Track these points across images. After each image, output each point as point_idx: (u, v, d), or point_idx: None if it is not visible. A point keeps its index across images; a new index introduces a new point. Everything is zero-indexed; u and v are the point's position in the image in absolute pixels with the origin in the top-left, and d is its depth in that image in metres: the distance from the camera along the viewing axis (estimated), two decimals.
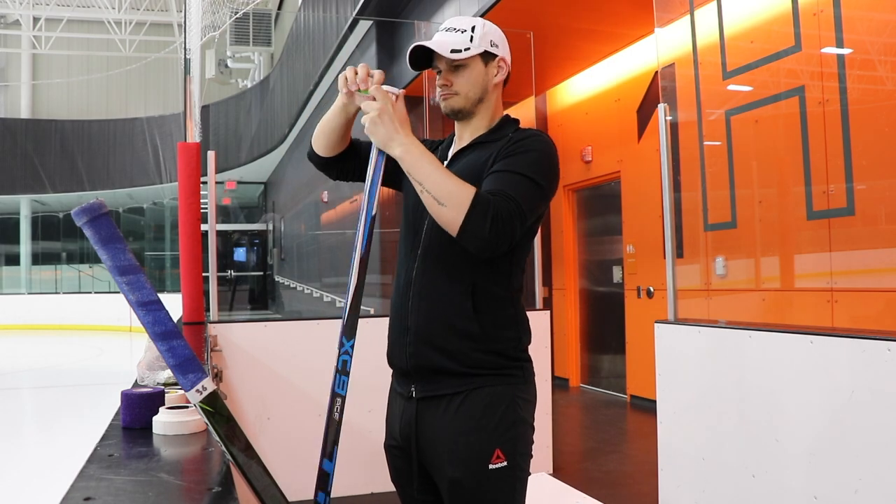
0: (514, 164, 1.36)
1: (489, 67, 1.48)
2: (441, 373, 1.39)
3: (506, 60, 1.51)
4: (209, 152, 3.76)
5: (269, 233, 18.17)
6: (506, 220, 1.26)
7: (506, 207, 1.27)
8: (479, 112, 1.50)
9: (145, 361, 1.63)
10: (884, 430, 1.89)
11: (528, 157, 1.37)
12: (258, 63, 15.72)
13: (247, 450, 0.94)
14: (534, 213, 1.35)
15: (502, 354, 1.41)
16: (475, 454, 1.35)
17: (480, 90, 1.47)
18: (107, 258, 0.90)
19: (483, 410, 1.37)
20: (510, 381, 1.41)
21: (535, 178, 1.34)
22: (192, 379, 0.89)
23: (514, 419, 1.39)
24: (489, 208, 1.25)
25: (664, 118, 2.94)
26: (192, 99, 3.68)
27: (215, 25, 10.50)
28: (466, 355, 1.38)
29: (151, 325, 0.89)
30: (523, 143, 1.39)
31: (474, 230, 1.25)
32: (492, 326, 1.40)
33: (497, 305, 1.42)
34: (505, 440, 1.37)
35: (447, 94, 1.48)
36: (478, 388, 1.38)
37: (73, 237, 17.89)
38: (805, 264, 3.51)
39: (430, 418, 1.41)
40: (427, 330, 1.41)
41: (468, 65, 1.45)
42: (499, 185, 1.32)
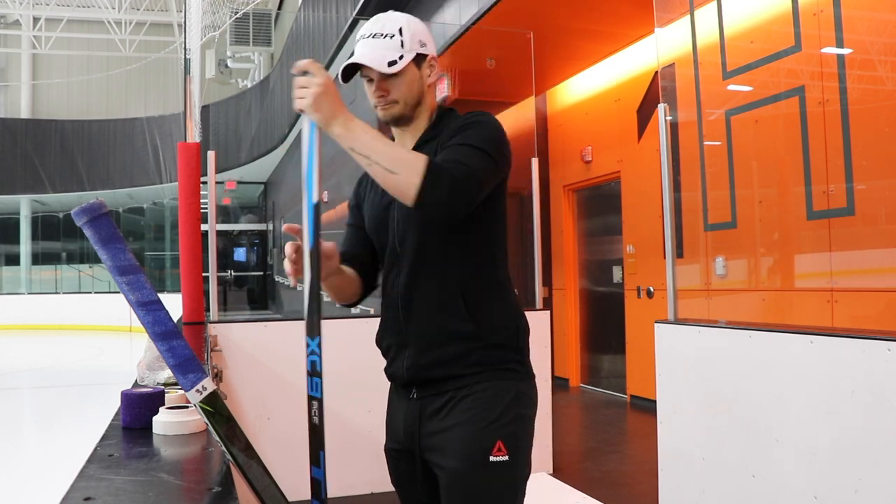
0: (461, 138, 1.35)
1: (423, 69, 1.46)
2: (444, 380, 1.40)
3: (435, 58, 1.50)
4: (209, 152, 3.76)
5: (268, 233, 18.18)
6: (461, 181, 1.25)
7: (460, 170, 1.26)
8: (418, 115, 1.48)
9: (145, 361, 1.63)
10: (884, 430, 1.89)
11: (474, 130, 1.36)
12: (258, 63, 15.72)
13: (247, 450, 0.94)
14: (487, 180, 1.33)
15: (503, 346, 1.40)
16: (477, 445, 1.34)
17: (417, 94, 1.46)
18: (107, 258, 0.90)
19: (486, 403, 1.37)
20: (513, 376, 1.41)
21: (484, 148, 1.33)
22: (192, 379, 0.89)
23: (518, 414, 1.39)
24: (443, 171, 1.24)
25: (664, 118, 2.94)
26: (192, 99, 3.68)
27: (215, 25, 10.50)
28: (467, 357, 1.38)
29: (151, 325, 0.89)
30: (467, 121, 1.40)
31: (432, 193, 1.23)
32: (487, 320, 1.39)
33: (488, 297, 1.41)
34: (507, 433, 1.36)
35: (386, 105, 1.45)
36: (481, 384, 1.38)
37: (74, 237, 17.88)
38: (805, 264, 3.51)
39: (433, 414, 1.40)
40: (425, 342, 1.40)
41: (402, 72, 1.43)
42: (448, 155, 1.31)
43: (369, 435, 3.47)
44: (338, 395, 3.60)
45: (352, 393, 3.59)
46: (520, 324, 1.45)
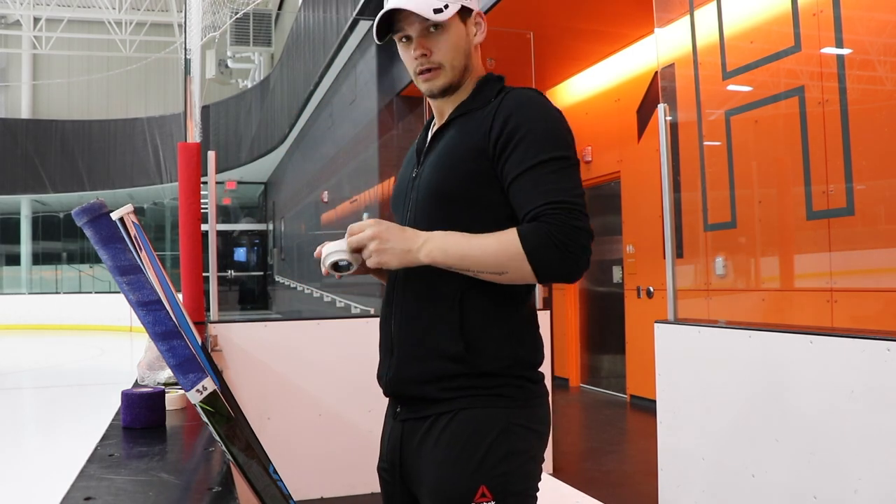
0: (528, 153, 1.11)
1: (468, 25, 1.21)
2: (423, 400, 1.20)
3: (482, 14, 1.26)
4: (209, 152, 3.76)
5: (269, 233, 18.18)
6: (571, 236, 1.06)
7: (560, 223, 1.06)
8: (465, 83, 1.24)
9: (146, 361, 1.63)
10: (884, 430, 1.89)
11: (532, 137, 1.12)
12: (258, 63, 15.72)
13: (247, 450, 0.94)
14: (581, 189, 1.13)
15: (494, 375, 1.17)
16: (455, 489, 1.13)
17: (465, 56, 1.21)
18: (107, 258, 0.90)
19: (470, 436, 1.14)
20: (505, 402, 1.16)
21: (555, 155, 1.11)
22: (193, 379, 0.89)
23: (508, 450, 1.14)
24: (548, 242, 1.05)
25: (664, 118, 2.94)
26: (193, 99, 3.69)
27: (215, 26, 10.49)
28: (451, 379, 1.17)
29: (151, 325, 0.89)
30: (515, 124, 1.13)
31: (552, 273, 1.07)
32: (482, 343, 1.17)
33: (492, 316, 1.18)
34: (493, 476, 1.13)
35: (429, 70, 1.20)
36: (465, 409, 1.16)
37: (74, 237, 17.89)
38: (805, 264, 3.51)
39: (414, 442, 1.21)
40: (409, 352, 1.20)
41: (447, 26, 1.17)
42: (530, 197, 1.10)
43: (369, 434, 3.47)
44: (338, 395, 3.61)
45: (352, 393, 3.60)
46: (521, 353, 1.20)
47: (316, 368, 3.62)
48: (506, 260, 1.08)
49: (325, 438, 3.56)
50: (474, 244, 1.10)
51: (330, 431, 3.56)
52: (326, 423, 3.57)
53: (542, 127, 1.14)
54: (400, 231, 1.13)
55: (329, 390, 3.59)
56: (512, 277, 1.10)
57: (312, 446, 3.56)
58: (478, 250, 1.09)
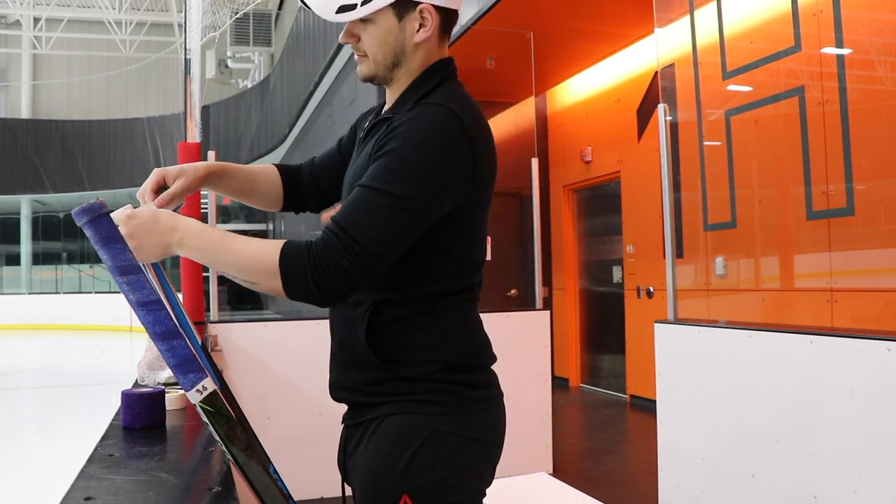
0: (372, 172, 1.04)
1: (406, 22, 1.10)
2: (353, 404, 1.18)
3: (431, 10, 1.11)
4: (209, 152, 3.76)
5: (269, 233, 18.18)
6: (327, 266, 0.99)
7: (325, 249, 0.99)
8: (399, 78, 1.15)
9: (145, 361, 1.63)
10: (884, 429, 1.89)
11: (391, 158, 1.03)
12: (258, 63, 15.72)
13: (247, 450, 0.94)
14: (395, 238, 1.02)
15: (417, 379, 1.11)
16: (378, 498, 1.09)
17: (393, 53, 1.12)
18: (107, 258, 0.90)
19: (393, 443, 1.09)
20: (433, 408, 1.09)
21: (393, 190, 1.01)
22: (193, 379, 0.89)
23: (435, 460, 1.07)
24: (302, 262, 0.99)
25: (664, 118, 2.94)
26: (193, 99, 3.69)
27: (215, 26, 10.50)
28: (376, 384, 1.12)
29: (151, 325, 0.89)
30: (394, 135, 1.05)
31: (301, 295, 1.01)
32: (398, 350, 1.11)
33: (409, 323, 1.11)
34: (417, 485, 1.06)
35: (358, 56, 1.15)
36: (392, 415, 1.10)
37: (74, 237, 17.89)
38: (805, 264, 3.51)
39: (351, 447, 1.18)
40: (338, 359, 1.20)
41: (374, 20, 1.10)
42: (343, 208, 1.05)
43: None
44: None
45: None
46: (450, 358, 1.12)
47: (316, 368, 3.59)
48: (256, 272, 1.01)
49: (325, 438, 3.55)
50: (230, 250, 1.02)
51: (330, 431, 3.55)
52: (326, 423, 3.56)
53: (407, 155, 1.03)
54: (152, 224, 1.02)
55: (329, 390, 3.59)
56: (264, 289, 1.03)
57: (312, 446, 3.56)
58: (232, 257, 1.02)
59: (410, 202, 1.02)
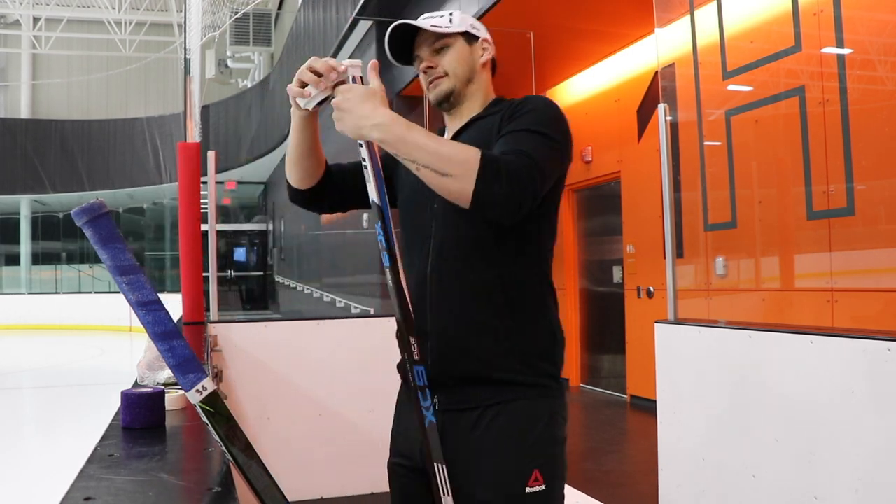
0: (520, 123, 1.23)
1: (474, 48, 1.38)
2: (470, 381, 1.25)
3: (489, 41, 1.41)
4: (209, 152, 3.76)
5: (269, 233, 18.19)
6: (522, 175, 1.12)
7: (519, 163, 1.13)
8: (469, 95, 1.38)
9: (145, 361, 1.63)
10: (884, 429, 1.89)
11: (534, 114, 1.25)
12: (258, 63, 15.72)
13: (247, 450, 0.94)
14: (553, 170, 1.21)
15: (538, 356, 1.26)
16: (512, 475, 1.21)
17: (468, 69, 1.37)
18: (107, 258, 0.90)
19: (521, 426, 1.23)
20: (548, 393, 1.27)
21: (547, 132, 1.21)
22: (192, 379, 0.89)
23: (554, 437, 1.26)
24: (501, 166, 1.11)
25: (664, 118, 2.94)
26: (192, 99, 3.69)
27: (215, 25, 10.50)
28: (501, 359, 1.24)
29: (151, 325, 0.89)
30: (524, 104, 1.28)
31: (490, 194, 1.10)
32: (530, 322, 1.26)
33: (531, 298, 1.27)
34: (544, 460, 1.23)
35: (434, 78, 1.36)
36: (514, 401, 1.24)
37: (74, 237, 17.89)
38: (805, 264, 3.51)
39: (458, 434, 1.25)
40: (452, 332, 1.25)
41: (451, 44, 1.35)
42: (507, 144, 1.19)
43: (370, 434, 3.47)
44: (338, 395, 3.61)
45: (352, 393, 3.60)
46: (557, 335, 1.31)
47: (316, 368, 3.61)
48: (453, 163, 1.11)
49: (325, 438, 3.56)
50: (432, 139, 1.14)
51: (330, 431, 3.56)
52: (326, 423, 3.57)
53: (543, 113, 1.26)
54: (361, 102, 1.14)
55: (329, 390, 3.59)
56: (449, 185, 1.12)
57: (312, 446, 3.56)
58: (431, 144, 1.13)
59: (558, 142, 1.24)
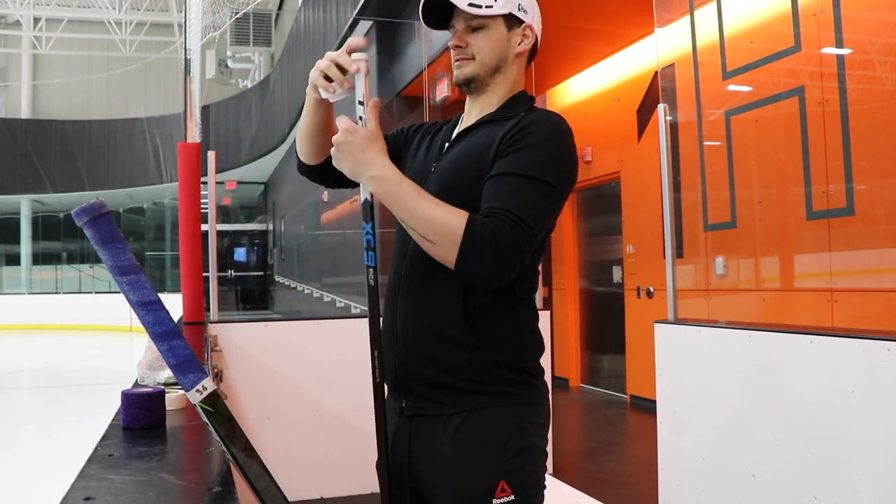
0: (516, 162, 1.15)
1: (513, 34, 1.28)
2: (433, 387, 1.22)
3: (533, 28, 1.31)
4: (209, 152, 3.76)
5: (269, 233, 18.19)
6: (507, 246, 1.08)
7: (506, 232, 1.08)
8: (493, 85, 1.30)
9: (146, 361, 1.63)
10: (884, 429, 1.89)
11: (533, 151, 1.16)
12: (258, 63, 15.73)
13: (247, 450, 0.94)
14: (546, 222, 1.16)
15: (505, 366, 1.22)
16: (476, 487, 1.17)
17: (498, 58, 1.28)
18: (107, 258, 0.90)
19: (485, 435, 1.19)
20: (515, 400, 1.22)
21: (543, 178, 1.14)
22: (193, 379, 0.89)
23: (522, 445, 1.20)
24: (486, 239, 1.07)
25: (664, 118, 2.94)
26: (193, 99, 3.69)
27: (215, 26, 10.51)
28: (462, 368, 1.20)
29: (152, 324, 0.89)
30: (526, 133, 1.18)
31: (472, 268, 1.08)
32: (489, 333, 1.21)
33: (495, 309, 1.22)
34: (511, 470, 1.18)
35: (461, 59, 1.28)
36: (478, 409, 1.20)
37: (74, 237, 17.89)
38: (805, 264, 3.51)
39: (424, 442, 1.23)
40: (416, 338, 1.24)
41: (488, 26, 1.25)
42: (498, 197, 1.13)
43: (370, 434, 3.47)
44: (338, 395, 3.61)
45: (352, 393, 3.59)
46: (527, 344, 1.25)
47: (316, 368, 3.62)
48: (438, 231, 1.09)
49: (325, 438, 3.56)
50: (421, 205, 1.11)
51: (330, 431, 3.56)
52: (326, 423, 3.57)
53: (547, 147, 1.18)
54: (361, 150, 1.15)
55: (329, 390, 3.59)
56: (433, 251, 1.11)
57: (312, 446, 3.56)
58: (420, 207, 1.11)
59: (557, 189, 1.17)
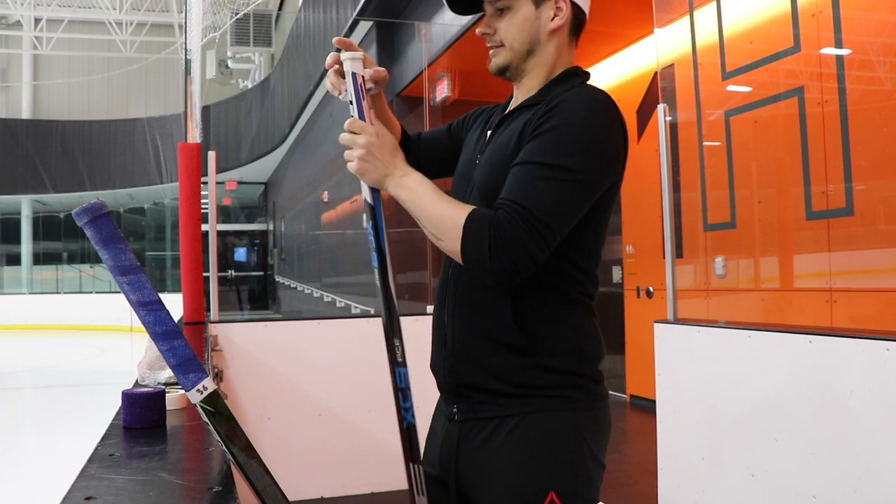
0: (535, 150, 1.07)
1: (542, 10, 1.17)
2: (486, 392, 1.15)
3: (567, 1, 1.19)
4: (210, 153, 3.77)
5: (269, 233, 18.19)
6: (509, 242, 1.00)
7: (507, 226, 1.01)
8: (529, 69, 1.21)
9: (146, 361, 1.63)
10: (883, 429, 1.90)
11: (554, 135, 1.06)
12: (258, 63, 15.74)
13: (247, 449, 0.94)
14: (568, 212, 1.06)
15: (561, 371, 1.13)
16: (523, 496, 1.10)
17: (528, 40, 1.18)
18: (108, 258, 0.90)
19: (539, 441, 1.11)
20: (573, 405, 1.13)
21: (563, 164, 1.04)
22: (193, 378, 0.90)
23: (577, 454, 1.11)
24: (483, 234, 1.01)
25: (664, 118, 2.94)
26: (193, 99, 3.69)
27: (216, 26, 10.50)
28: (514, 372, 1.13)
29: (152, 324, 0.89)
30: (553, 114, 1.08)
31: (476, 260, 1.03)
32: (542, 336, 1.13)
33: (547, 311, 1.13)
34: (563, 481, 1.10)
35: (492, 47, 1.20)
36: (533, 413, 1.12)
37: (74, 237, 17.91)
38: (804, 264, 3.51)
39: (474, 446, 1.16)
40: (465, 342, 1.16)
41: (513, 6, 1.17)
42: (509, 188, 1.06)
43: (370, 434, 3.48)
44: (338, 395, 3.61)
45: (352, 393, 3.60)
46: (584, 348, 1.15)
47: (316, 368, 3.62)
48: (445, 229, 1.06)
49: (325, 438, 3.56)
50: (433, 202, 1.08)
51: (330, 431, 3.57)
52: (326, 423, 3.58)
53: (572, 129, 1.07)
54: (390, 155, 1.13)
55: (329, 390, 3.59)
56: (443, 247, 1.08)
57: (312, 446, 3.57)
58: (431, 209, 1.08)
59: (579, 175, 1.05)
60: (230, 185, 16.46)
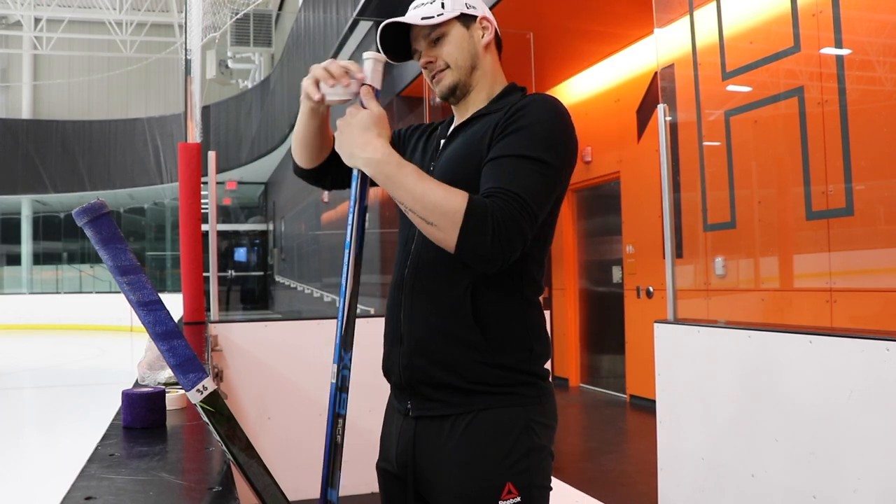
0: (513, 144, 1.13)
1: (472, 30, 1.29)
2: (440, 388, 1.20)
3: (489, 19, 1.31)
4: (210, 153, 3.77)
5: (269, 233, 18.19)
6: (509, 226, 1.06)
7: (507, 211, 1.06)
8: (475, 83, 1.30)
9: (146, 361, 1.63)
10: (883, 429, 1.90)
11: (529, 131, 1.14)
12: (258, 63, 15.73)
13: (247, 449, 0.94)
14: (546, 201, 1.14)
15: (513, 369, 1.20)
16: (482, 489, 1.16)
17: (470, 56, 1.28)
18: (108, 258, 0.90)
19: (492, 436, 1.17)
20: (523, 401, 1.20)
21: (541, 157, 1.12)
22: (193, 378, 0.90)
23: (530, 446, 1.18)
24: (486, 218, 1.05)
25: (664, 118, 2.94)
26: (193, 99, 3.69)
27: (216, 26, 10.50)
28: (468, 368, 1.18)
29: (152, 324, 0.89)
30: (521, 115, 1.16)
31: (474, 248, 1.06)
32: (497, 335, 1.19)
33: (503, 310, 1.20)
34: (518, 471, 1.16)
35: (437, 72, 1.28)
36: (486, 410, 1.18)
37: (75, 237, 17.91)
38: (804, 264, 3.51)
39: (430, 443, 1.22)
40: (422, 339, 1.22)
41: (447, 32, 1.27)
42: (497, 178, 1.11)
43: (369, 434, 3.47)
44: None
45: (352, 392, 3.60)
46: (535, 348, 1.22)
47: (316, 368, 3.62)
48: (440, 214, 1.06)
49: (324, 438, 3.56)
50: (421, 182, 1.10)
51: None
52: (326, 422, 3.57)
53: (542, 127, 1.16)
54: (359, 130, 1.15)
55: (329, 390, 3.59)
56: (433, 234, 1.08)
57: (312, 446, 3.55)
58: (419, 188, 1.09)
59: (553, 168, 1.14)
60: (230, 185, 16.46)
